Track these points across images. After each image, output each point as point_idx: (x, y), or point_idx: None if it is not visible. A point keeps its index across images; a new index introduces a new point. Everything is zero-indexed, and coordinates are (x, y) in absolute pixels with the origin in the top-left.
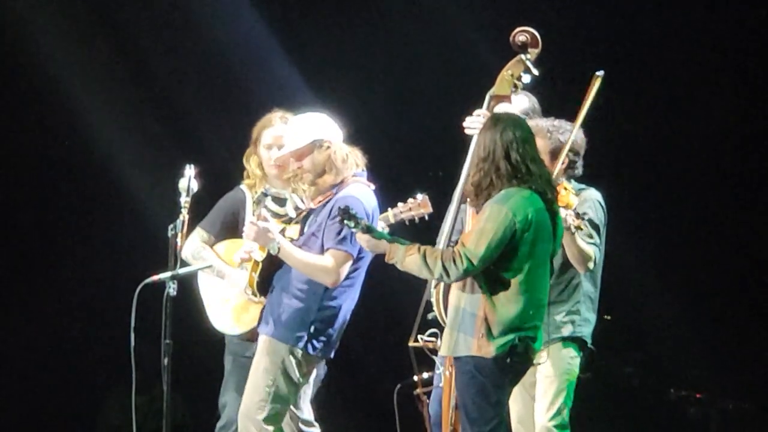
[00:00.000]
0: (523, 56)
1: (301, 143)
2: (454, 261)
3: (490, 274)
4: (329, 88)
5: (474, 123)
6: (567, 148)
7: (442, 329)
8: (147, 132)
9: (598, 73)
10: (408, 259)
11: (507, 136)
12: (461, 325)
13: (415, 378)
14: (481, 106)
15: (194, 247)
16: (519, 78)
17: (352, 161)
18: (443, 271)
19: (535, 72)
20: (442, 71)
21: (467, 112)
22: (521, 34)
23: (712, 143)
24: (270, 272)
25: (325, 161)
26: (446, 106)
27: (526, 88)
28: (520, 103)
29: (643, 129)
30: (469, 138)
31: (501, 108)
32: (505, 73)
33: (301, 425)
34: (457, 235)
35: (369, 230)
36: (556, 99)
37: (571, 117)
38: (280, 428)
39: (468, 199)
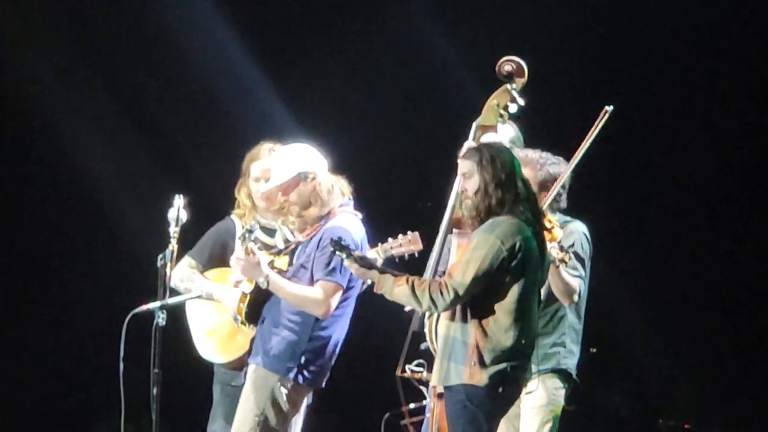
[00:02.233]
0: (509, 86)
1: (287, 176)
2: (441, 292)
3: (481, 302)
4: (316, 118)
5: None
6: (561, 181)
7: (433, 360)
8: (136, 162)
9: (607, 108)
10: (396, 289)
11: (494, 165)
12: (452, 354)
13: (403, 408)
14: (467, 137)
15: (183, 273)
16: (505, 108)
17: (338, 191)
18: (431, 303)
19: (521, 102)
20: (429, 101)
21: (454, 141)
22: (507, 64)
23: (698, 176)
24: (259, 302)
25: (310, 193)
26: (433, 135)
27: (513, 117)
28: (507, 133)
29: (629, 161)
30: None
31: (487, 137)
32: (492, 103)
33: None
34: (444, 266)
35: (361, 260)
36: (545, 131)
37: (566, 150)
38: None
39: (454, 230)
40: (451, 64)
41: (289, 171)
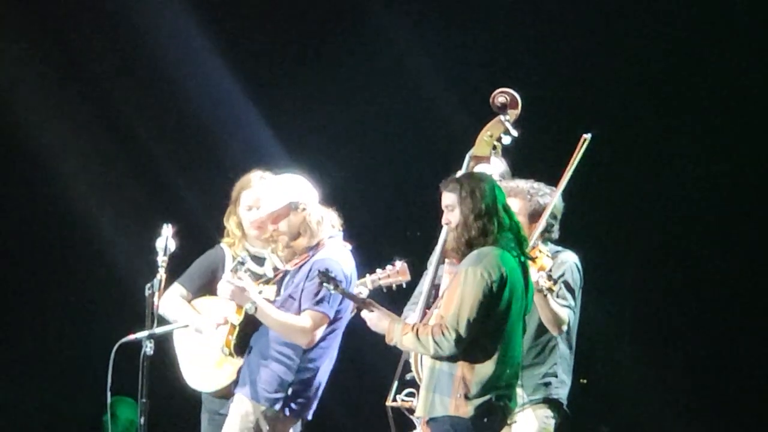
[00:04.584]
0: (502, 117)
1: (277, 206)
2: (443, 334)
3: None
4: (304, 147)
5: None
6: (548, 212)
7: (419, 389)
8: (123, 190)
9: (585, 136)
10: (404, 338)
11: (474, 197)
12: (437, 386)
13: None
14: (460, 167)
15: (172, 302)
16: (498, 139)
17: (328, 223)
18: (436, 347)
19: (515, 133)
20: (419, 131)
21: (446, 171)
22: (501, 95)
23: (690, 208)
24: (246, 333)
25: (300, 224)
26: (423, 165)
27: (506, 148)
28: (498, 167)
29: (619, 192)
30: None
31: (480, 168)
32: (485, 135)
33: None
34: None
35: (347, 295)
36: (534, 160)
37: (552, 178)
38: None
39: (446, 260)
40: (442, 93)
41: (279, 200)
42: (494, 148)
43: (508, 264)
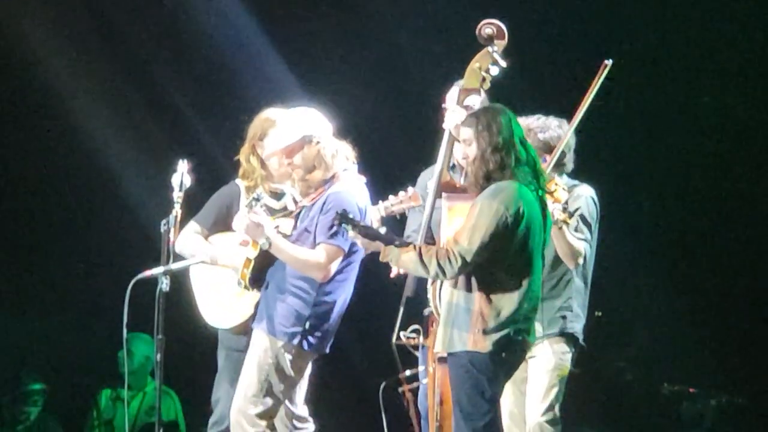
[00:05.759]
0: (490, 48)
1: (291, 139)
2: (449, 259)
3: (485, 268)
4: (319, 81)
5: (449, 117)
6: (562, 144)
7: (427, 325)
8: (139, 127)
9: (606, 62)
10: (404, 257)
11: (490, 130)
12: (455, 321)
13: (400, 375)
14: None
15: (187, 238)
16: (487, 70)
17: (342, 156)
18: (439, 269)
19: (503, 64)
20: (430, 63)
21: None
22: (487, 27)
23: (710, 139)
24: (263, 268)
25: (314, 157)
26: (432, 99)
27: (496, 79)
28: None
29: (637, 123)
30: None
31: (470, 100)
32: (474, 66)
33: (295, 421)
34: (433, 231)
35: (366, 231)
36: (550, 88)
37: (568, 108)
38: (272, 423)
39: (443, 194)
40: (461, 24)
41: (293, 134)
42: (483, 79)
43: (525, 198)
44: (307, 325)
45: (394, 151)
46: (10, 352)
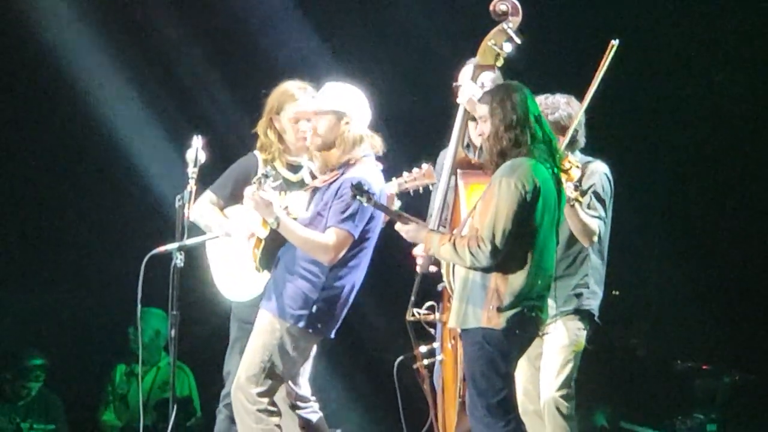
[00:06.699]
0: (504, 25)
1: (326, 107)
2: (479, 246)
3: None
4: (341, 57)
5: (463, 93)
6: (576, 120)
7: (441, 301)
8: (154, 102)
9: (613, 42)
10: (442, 249)
11: (504, 107)
12: (470, 297)
13: (415, 352)
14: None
15: (203, 209)
16: (501, 47)
17: (367, 145)
18: (473, 258)
19: (518, 40)
20: (450, 44)
21: None
22: (501, 3)
23: (723, 114)
24: (274, 247)
25: (337, 134)
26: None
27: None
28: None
29: (651, 100)
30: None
31: (485, 77)
32: (488, 43)
33: (297, 401)
34: (448, 210)
35: (380, 207)
36: (560, 67)
37: (580, 86)
38: (273, 401)
39: (458, 171)
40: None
41: (330, 103)
42: (498, 55)
43: (540, 175)
44: (315, 308)
45: (412, 131)
46: (22, 328)
